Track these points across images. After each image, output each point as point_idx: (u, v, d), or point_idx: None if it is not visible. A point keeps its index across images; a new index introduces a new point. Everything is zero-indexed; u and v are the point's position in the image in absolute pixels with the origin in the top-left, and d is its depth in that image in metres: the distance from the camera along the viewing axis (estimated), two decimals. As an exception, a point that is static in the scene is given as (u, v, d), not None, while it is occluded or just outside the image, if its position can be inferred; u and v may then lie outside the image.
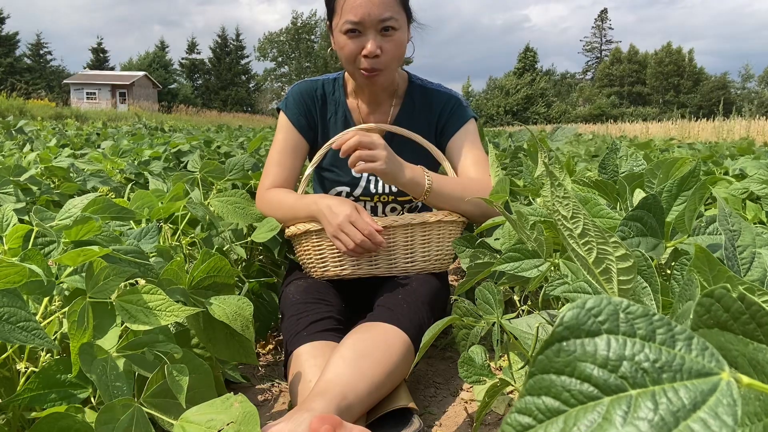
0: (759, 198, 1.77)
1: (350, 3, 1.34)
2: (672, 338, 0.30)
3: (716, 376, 0.29)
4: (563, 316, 0.31)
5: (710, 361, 0.29)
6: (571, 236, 0.58)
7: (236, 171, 1.79)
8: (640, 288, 0.66)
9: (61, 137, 4.74)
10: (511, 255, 1.01)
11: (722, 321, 0.35)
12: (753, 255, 0.67)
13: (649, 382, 0.30)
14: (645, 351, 0.30)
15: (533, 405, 0.31)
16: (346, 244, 1.31)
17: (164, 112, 36.37)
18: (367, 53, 1.37)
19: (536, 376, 0.31)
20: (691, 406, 0.28)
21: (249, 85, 60.02)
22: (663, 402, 0.29)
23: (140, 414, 0.79)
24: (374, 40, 1.36)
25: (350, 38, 1.38)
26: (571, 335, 0.31)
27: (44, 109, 20.85)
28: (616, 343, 0.31)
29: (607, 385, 0.30)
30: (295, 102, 1.57)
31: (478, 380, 1.06)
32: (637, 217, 0.85)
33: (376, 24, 1.35)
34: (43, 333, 0.73)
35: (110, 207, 1.13)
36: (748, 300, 0.34)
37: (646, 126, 20.91)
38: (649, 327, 0.31)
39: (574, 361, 0.31)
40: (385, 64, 1.40)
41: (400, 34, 1.40)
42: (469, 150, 1.53)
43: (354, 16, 1.34)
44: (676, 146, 5.41)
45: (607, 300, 0.31)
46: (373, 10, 1.34)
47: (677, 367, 0.29)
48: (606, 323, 0.31)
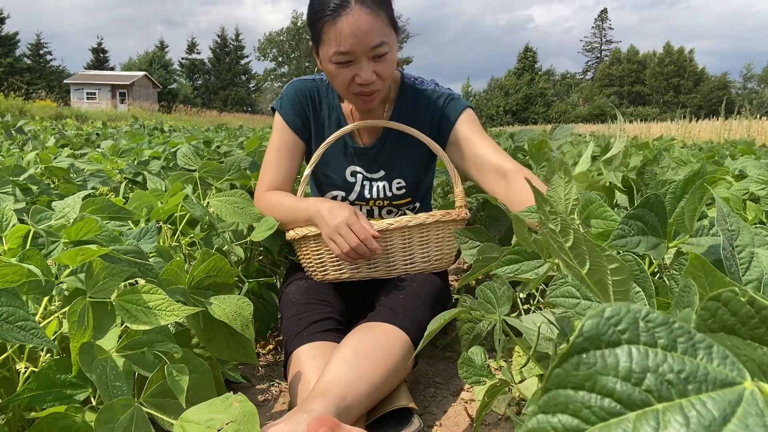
0: (759, 198, 1.77)
1: (340, 34, 1.27)
2: (693, 347, 0.29)
3: (740, 385, 0.28)
4: (582, 325, 0.29)
5: (732, 370, 0.28)
6: (562, 249, 0.57)
7: (234, 171, 1.79)
8: (633, 293, 0.65)
9: (60, 137, 4.74)
10: (510, 257, 1.01)
11: (729, 325, 0.34)
12: (751, 255, 0.67)
13: (675, 394, 0.28)
14: (668, 361, 0.28)
15: (548, 424, 0.28)
16: (341, 247, 1.29)
17: (164, 112, 36.36)
18: (363, 82, 1.32)
19: (551, 392, 0.29)
20: (722, 419, 0.27)
21: (249, 85, 60.06)
22: (693, 415, 0.27)
23: (140, 414, 0.79)
24: (368, 68, 1.31)
25: (341, 67, 1.33)
26: (591, 346, 0.29)
27: (44, 109, 20.83)
28: (638, 354, 0.29)
29: (631, 400, 0.28)
30: (290, 101, 1.55)
31: (477, 380, 1.06)
32: (638, 216, 0.84)
33: (368, 51, 1.30)
34: (42, 332, 0.73)
35: (108, 207, 1.13)
36: (758, 303, 0.33)
37: (648, 126, 20.89)
38: (670, 336, 0.29)
39: (594, 374, 0.28)
40: (380, 85, 1.37)
41: (391, 54, 1.35)
42: (479, 138, 1.48)
43: (344, 47, 1.28)
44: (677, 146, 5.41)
45: (626, 308, 0.29)
46: (364, 39, 1.27)
47: (702, 378, 0.28)
48: (626, 333, 0.29)
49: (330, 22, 1.28)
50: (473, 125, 1.51)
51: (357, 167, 1.55)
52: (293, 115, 1.54)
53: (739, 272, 0.66)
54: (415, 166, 1.56)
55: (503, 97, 54.87)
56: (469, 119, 1.52)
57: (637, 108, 53.14)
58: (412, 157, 1.54)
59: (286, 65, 60.24)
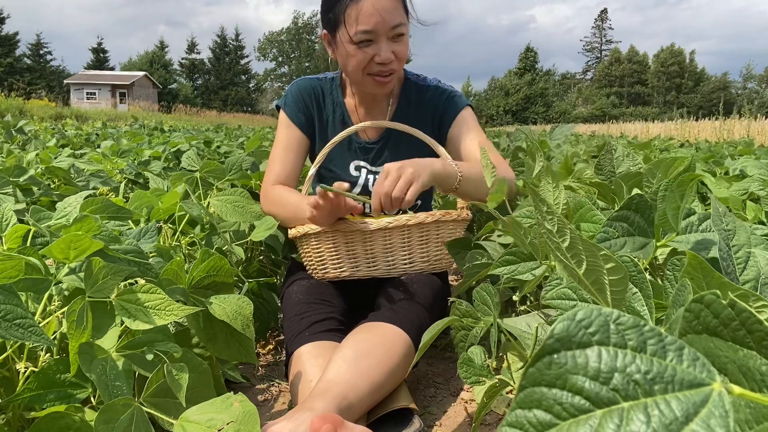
0: (759, 198, 1.77)
1: (362, 13, 1.35)
2: (663, 349, 0.30)
3: (708, 386, 0.29)
4: (554, 328, 0.31)
5: (702, 372, 0.29)
6: (558, 249, 0.58)
7: (235, 171, 1.79)
8: (631, 294, 0.66)
9: (60, 137, 4.74)
10: (507, 258, 1.01)
11: (711, 327, 0.35)
12: (748, 255, 0.67)
13: (641, 394, 0.29)
14: (636, 362, 0.30)
15: (524, 418, 0.30)
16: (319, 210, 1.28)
17: (164, 112, 36.36)
18: (384, 60, 1.39)
19: (527, 389, 0.30)
20: (684, 419, 0.28)
21: (249, 85, 60.03)
22: (655, 414, 0.28)
23: (140, 413, 0.79)
24: (387, 47, 1.38)
25: (362, 47, 1.39)
26: (562, 347, 0.31)
27: (44, 109, 20.83)
28: (608, 355, 0.30)
29: (599, 398, 0.29)
30: (294, 99, 1.59)
31: (477, 381, 1.06)
32: (623, 217, 0.85)
33: (389, 31, 1.37)
34: (40, 330, 0.73)
35: (108, 206, 1.13)
36: (738, 306, 0.34)
37: (646, 126, 20.89)
38: (640, 338, 0.30)
39: (565, 373, 0.30)
40: (397, 66, 1.42)
41: (407, 37, 1.42)
42: (470, 135, 1.53)
43: (367, 26, 1.35)
44: (677, 146, 5.41)
45: (598, 311, 0.31)
46: (387, 18, 1.35)
47: (669, 379, 0.29)
48: (597, 335, 0.31)
49: (353, 3, 1.36)
50: (470, 123, 1.56)
51: (361, 162, 1.59)
52: (297, 113, 1.58)
53: (736, 272, 0.66)
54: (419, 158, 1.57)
55: (503, 97, 54.86)
56: (468, 117, 1.57)
57: (637, 108, 53.15)
58: (416, 151, 1.55)
59: (286, 65, 60.24)
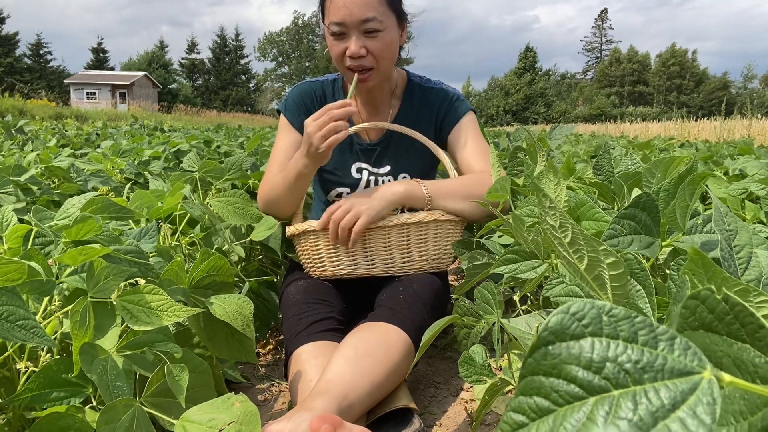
0: (759, 198, 1.77)
1: (334, 5, 1.37)
2: (654, 339, 0.31)
3: (698, 375, 0.30)
4: (548, 321, 0.32)
5: (692, 360, 0.30)
6: (561, 245, 0.58)
7: (234, 170, 1.79)
8: (634, 291, 0.66)
9: (60, 137, 4.74)
10: (508, 257, 1.01)
11: (707, 322, 0.36)
12: (750, 255, 0.67)
13: (630, 382, 0.30)
14: (627, 352, 0.31)
15: (526, 404, 0.32)
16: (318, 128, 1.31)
17: (164, 112, 36.36)
18: (350, 54, 1.39)
19: (527, 378, 0.32)
20: (671, 406, 0.29)
21: (249, 85, 60.00)
22: (643, 402, 0.29)
23: (141, 414, 0.79)
24: (357, 41, 1.38)
25: (336, 39, 1.41)
26: (556, 339, 0.32)
27: (44, 109, 20.83)
28: (600, 345, 0.31)
29: (591, 386, 0.31)
30: (295, 103, 1.58)
31: (478, 380, 1.06)
32: (630, 215, 0.85)
33: (358, 25, 1.37)
34: (42, 331, 0.73)
35: (109, 206, 1.13)
36: (732, 301, 0.35)
37: (646, 126, 20.88)
38: (632, 329, 0.31)
39: (560, 363, 0.32)
40: (371, 63, 1.41)
41: (387, 35, 1.40)
42: (468, 141, 1.54)
43: (336, 18, 1.37)
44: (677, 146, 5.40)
45: (591, 304, 0.32)
46: (354, 11, 1.35)
47: (659, 367, 0.30)
48: (590, 326, 0.32)
49: None
50: (471, 128, 1.56)
51: (363, 164, 1.58)
52: (298, 116, 1.57)
53: (738, 272, 0.67)
54: (421, 160, 1.58)
55: (503, 97, 54.84)
56: (469, 122, 1.57)
57: (637, 108, 53.14)
58: (418, 152, 1.56)
59: (286, 65, 60.22)
